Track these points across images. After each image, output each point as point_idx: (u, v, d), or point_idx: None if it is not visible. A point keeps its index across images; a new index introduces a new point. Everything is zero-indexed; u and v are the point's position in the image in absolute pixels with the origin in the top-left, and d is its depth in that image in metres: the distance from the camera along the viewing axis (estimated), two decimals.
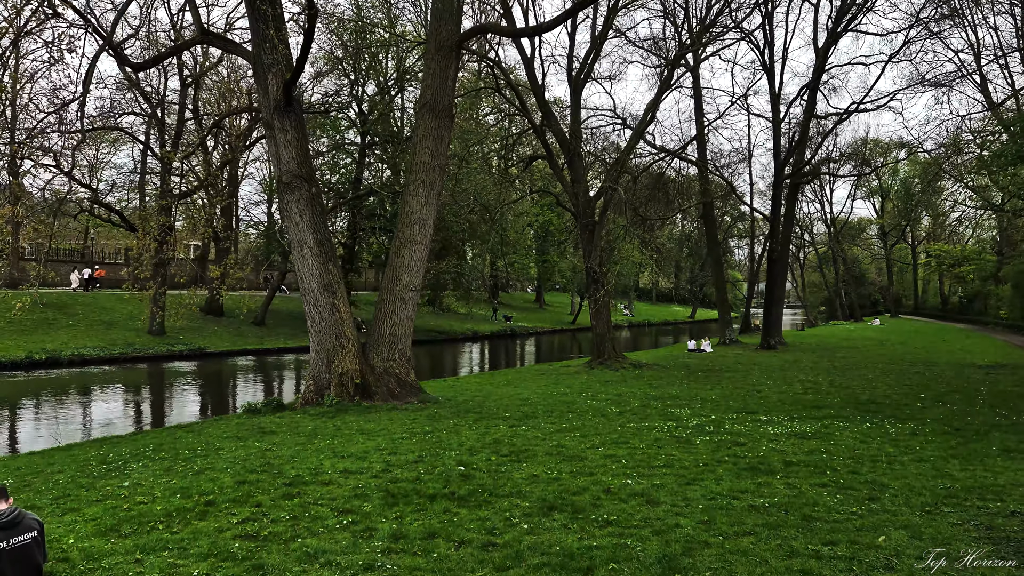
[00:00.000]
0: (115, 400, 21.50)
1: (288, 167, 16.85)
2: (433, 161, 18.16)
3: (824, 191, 74.86)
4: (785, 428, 12.28)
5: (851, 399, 16.49)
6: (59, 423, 17.83)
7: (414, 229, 17.99)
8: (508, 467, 9.30)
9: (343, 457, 10.28)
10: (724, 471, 8.84)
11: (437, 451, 10.59)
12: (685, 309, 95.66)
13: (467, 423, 13.63)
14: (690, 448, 10.51)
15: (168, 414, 19.54)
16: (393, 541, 6.20)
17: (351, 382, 16.70)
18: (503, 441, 11.37)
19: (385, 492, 7.92)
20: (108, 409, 19.97)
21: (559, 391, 19.24)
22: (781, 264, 38.13)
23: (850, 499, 7.45)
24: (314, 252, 16.94)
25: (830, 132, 38.13)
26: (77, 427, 17.42)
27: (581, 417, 14.21)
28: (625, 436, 11.74)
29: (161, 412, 19.88)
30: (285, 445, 11.62)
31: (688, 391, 18.64)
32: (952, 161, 47.38)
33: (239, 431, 13.61)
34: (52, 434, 16.36)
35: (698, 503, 7.32)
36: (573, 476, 8.66)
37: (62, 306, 38.63)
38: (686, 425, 12.81)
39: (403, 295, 17.83)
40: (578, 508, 7.17)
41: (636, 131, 27.75)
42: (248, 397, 21.60)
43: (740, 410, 14.84)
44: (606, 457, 9.92)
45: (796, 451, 10.15)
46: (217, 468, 9.68)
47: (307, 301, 17.19)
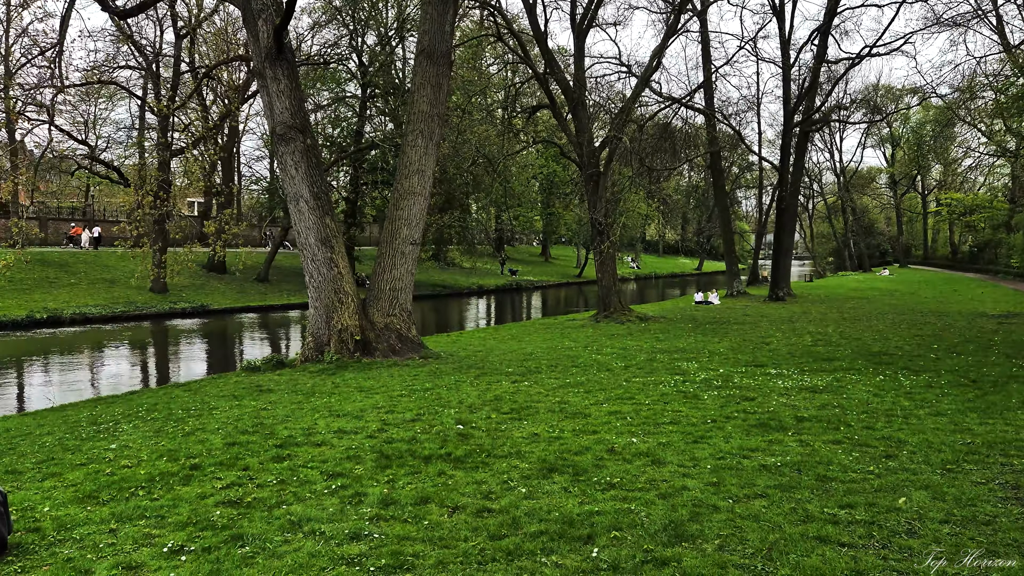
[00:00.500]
0: (115, 359, 21.27)
1: (281, 118, 16.31)
2: (431, 110, 17.59)
3: (834, 140, 73.73)
4: (796, 382, 11.91)
5: (862, 350, 16.10)
6: (56, 383, 17.62)
7: (413, 180, 17.50)
8: (508, 425, 8.96)
9: (339, 416, 9.97)
10: (733, 428, 8.48)
11: (436, 409, 10.26)
12: (692, 261, 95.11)
13: (468, 379, 13.31)
14: (697, 404, 10.16)
15: (167, 373, 19.31)
16: (383, 507, 5.86)
17: (351, 338, 16.38)
18: (504, 398, 11.03)
19: (379, 454, 7.59)
20: (107, 368, 19.75)
21: (564, 345, 18.90)
22: (790, 214, 37.48)
23: (866, 457, 7.08)
24: (311, 206, 16.49)
25: (841, 78, 37.17)
26: (74, 387, 17.20)
27: (585, 372, 13.87)
28: (630, 391, 11.40)
29: (160, 371, 19.65)
30: (281, 404, 11.32)
31: (695, 344, 18.28)
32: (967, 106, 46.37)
33: (236, 390, 13.32)
34: (47, 394, 16.13)
35: (706, 463, 6.96)
36: (575, 435, 8.32)
37: (63, 264, 38.38)
38: (693, 379, 12.45)
39: (403, 249, 17.41)
40: (580, 469, 6.83)
41: (642, 78, 26.98)
42: (249, 355, 21.35)
43: (749, 363, 14.48)
44: (610, 414, 9.57)
45: (808, 406, 9.78)
46: (208, 429, 9.37)
47: (305, 256, 16.80)
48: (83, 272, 37.73)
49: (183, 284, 39.10)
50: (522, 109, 32.40)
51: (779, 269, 36.24)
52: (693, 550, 4.84)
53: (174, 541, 5.16)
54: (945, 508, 5.52)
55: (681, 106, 31.15)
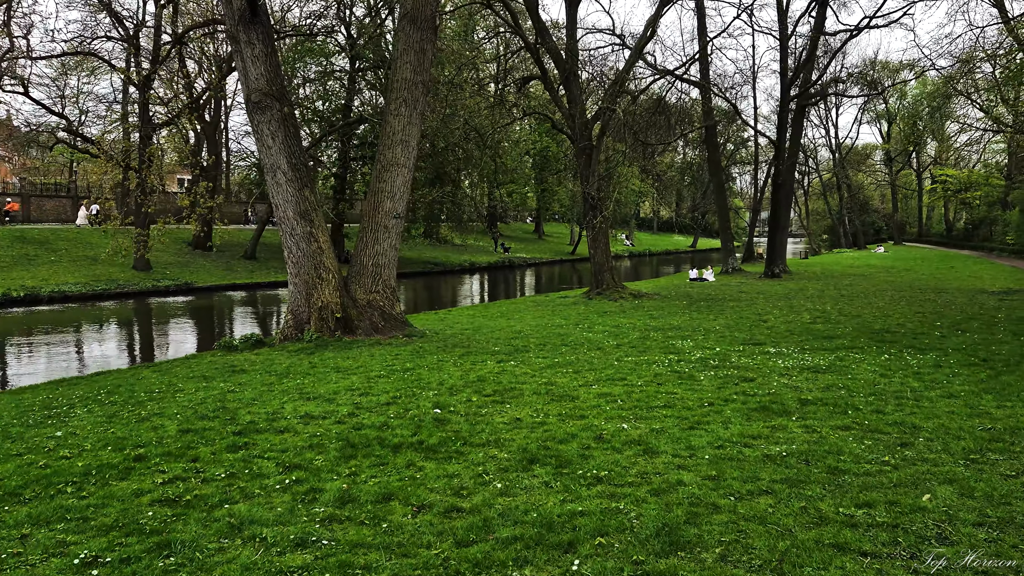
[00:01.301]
0: (89, 339, 20.53)
1: (256, 84, 15.48)
2: (415, 77, 16.77)
3: (830, 115, 72.88)
4: (796, 361, 11.26)
5: (864, 328, 15.46)
6: (22, 364, 16.89)
7: (396, 151, 16.71)
8: (489, 409, 8.29)
9: (309, 399, 9.29)
10: (732, 412, 7.82)
11: (414, 391, 9.59)
12: (687, 238, 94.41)
13: (452, 359, 12.63)
14: (693, 385, 9.49)
15: (142, 352, 18.57)
16: (339, 506, 5.19)
17: (331, 316, 15.68)
18: (488, 379, 10.36)
19: (344, 442, 6.91)
20: (80, 349, 19.02)
21: (554, 323, 18.23)
22: (786, 190, 36.74)
23: (879, 445, 6.42)
24: (288, 177, 15.72)
25: (839, 50, 36.30)
26: (41, 368, 16.46)
27: (575, 351, 13.20)
28: (622, 372, 10.73)
29: (135, 350, 18.91)
30: (251, 386, 10.64)
31: (690, 321, 17.62)
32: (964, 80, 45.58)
33: (208, 370, 12.63)
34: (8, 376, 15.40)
35: (704, 452, 6.29)
36: (561, 420, 7.65)
37: (44, 241, 37.48)
38: (688, 359, 11.79)
39: (386, 222, 16.67)
40: (564, 460, 6.15)
41: (636, 48, 26.12)
42: (230, 333, 20.64)
43: (746, 341, 13.82)
44: (600, 396, 8.90)
45: (811, 387, 9.13)
46: (166, 414, 8.68)
47: (283, 231, 16.06)
48: (64, 250, 36.83)
49: (168, 261, 38.30)
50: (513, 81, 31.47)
51: (775, 246, 35.59)
52: (690, 561, 4.17)
53: (89, 551, 4.47)
54: (976, 507, 4.86)
55: (676, 79, 30.30)
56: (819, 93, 38.30)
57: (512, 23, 26.58)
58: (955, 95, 56.34)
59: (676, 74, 30.20)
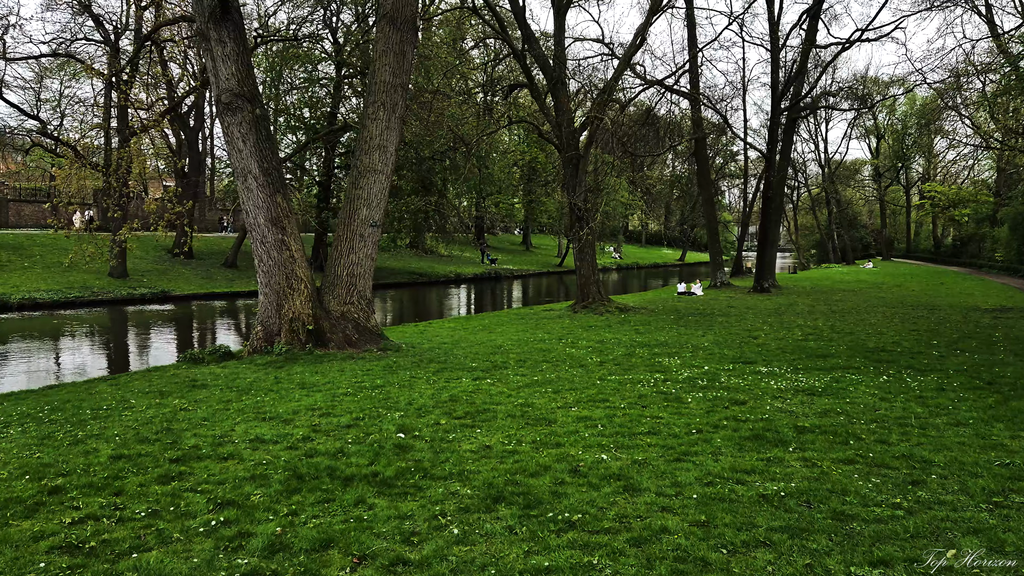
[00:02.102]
0: (53, 349, 19.67)
1: (227, 85, 14.78)
2: (395, 80, 16.10)
3: (820, 130, 72.71)
4: (790, 382, 10.59)
5: (858, 346, 14.83)
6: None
7: (374, 157, 16.01)
8: (458, 435, 7.57)
9: (265, 420, 8.54)
10: (723, 440, 7.12)
11: (379, 412, 8.85)
12: (675, 252, 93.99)
13: (426, 375, 11.90)
14: (681, 408, 8.80)
15: (103, 365, 17.73)
16: (267, 556, 4.45)
17: (302, 328, 14.94)
18: (461, 398, 9.64)
19: (291, 472, 6.17)
20: (38, 360, 18.17)
21: (537, 337, 17.52)
22: (776, 203, 36.22)
23: (888, 483, 5.73)
24: (260, 182, 15.00)
25: (830, 63, 35.90)
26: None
27: (557, 368, 12.49)
28: (604, 392, 10.03)
29: (97, 362, 18.06)
30: (207, 403, 9.88)
31: (678, 337, 16.95)
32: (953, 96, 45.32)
33: (166, 384, 11.86)
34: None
35: (691, 490, 5.58)
36: (535, 448, 6.94)
37: (18, 247, 36.55)
38: (675, 378, 11.10)
39: (362, 231, 15.94)
40: (533, 499, 5.43)
41: (624, 56, 25.55)
42: (201, 344, 19.82)
43: (736, 359, 13.16)
44: (579, 420, 8.20)
45: (807, 412, 8.45)
46: (105, 435, 7.92)
47: (254, 238, 15.31)
48: (39, 256, 35.91)
49: (145, 269, 37.43)
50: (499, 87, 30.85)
51: (764, 260, 35.02)
52: None
53: None
54: (1013, 570, 4.17)
55: (666, 90, 29.73)
56: (810, 106, 37.87)
57: (499, 29, 26.00)
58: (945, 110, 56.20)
59: (666, 84, 29.65)
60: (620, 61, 25.78)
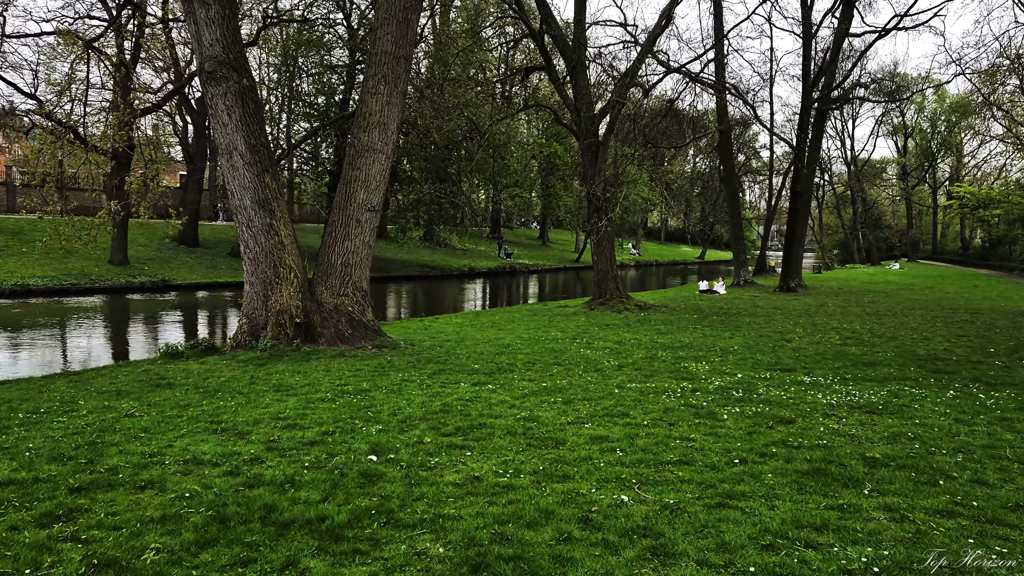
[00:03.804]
0: (31, 339, 18.38)
1: (211, 51, 13.38)
2: (397, 51, 14.65)
3: (846, 127, 70.70)
4: (841, 395, 9.05)
5: (906, 353, 13.25)
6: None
7: (373, 135, 14.57)
8: (443, 458, 6.12)
9: (216, 432, 7.14)
10: (775, 475, 5.62)
11: (355, 424, 7.43)
12: (695, 249, 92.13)
13: (420, 378, 10.47)
14: (716, 427, 7.30)
15: (78, 358, 16.40)
16: None
17: (290, 321, 13.55)
18: (455, 408, 8.19)
19: (215, 513, 4.74)
20: (13, 351, 16.89)
21: (549, 336, 16.04)
22: (805, 198, 34.49)
23: (1016, 552, 4.22)
24: (246, 160, 13.60)
25: (865, 52, 34.07)
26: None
27: (569, 372, 11.02)
28: (624, 403, 8.55)
29: (71, 355, 16.74)
30: (159, 408, 8.50)
31: (703, 339, 15.42)
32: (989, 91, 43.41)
33: (129, 383, 10.50)
34: None
35: (745, 558, 4.09)
36: (536, 482, 5.47)
37: (18, 231, 35.47)
38: (705, 388, 9.60)
39: (358, 216, 14.53)
40: (527, 568, 3.97)
41: (650, 37, 23.95)
42: (187, 336, 18.48)
43: (772, 366, 11.62)
44: (593, 441, 6.73)
45: (871, 436, 6.94)
46: (16, 449, 6.53)
47: (239, 221, 13.93)
48: (39, 241, 34.75)
49: (148, 257, 36.27)
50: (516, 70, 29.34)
51: (791, 258, 33.33)
52: None
53: None
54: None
55: (691, 80, 28.04)
56: (842, 97, 36.08)
57: (516, 7, 24.49)
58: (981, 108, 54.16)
59: (690, 72, 28.00)
60: (644, 42, 24.20)
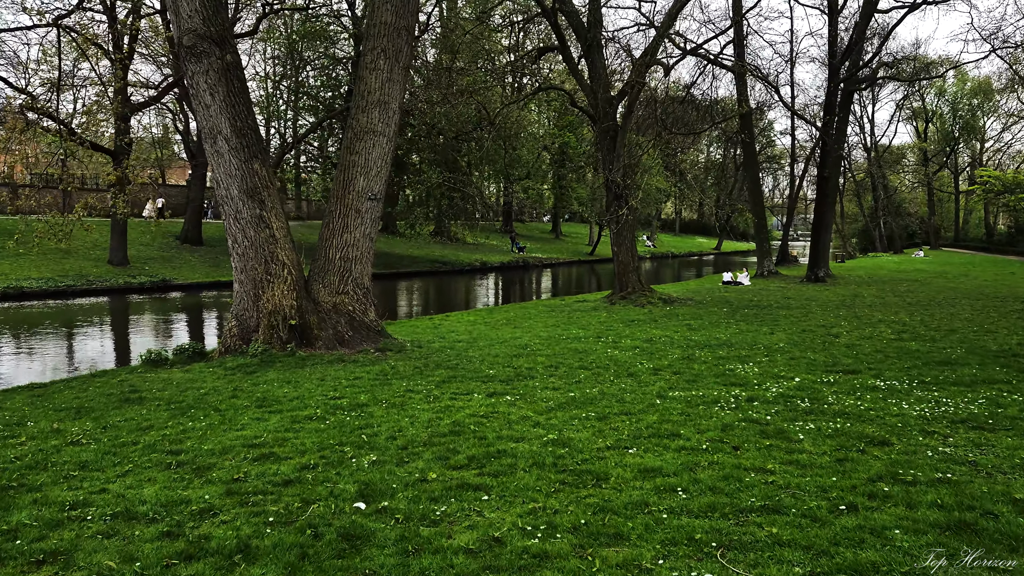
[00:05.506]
0: (10, 345, 17.07)
1: (189, 24, 11.95)
2: (398, 21, 13.20)
3: (865, 112, 68.48)
4: (930, 405, 7.54)
5: (976, 349, 11.71)
6: None
7: (372, 115, 13.13)
8: (451, 506, 4.68)
9: (171, 466, 5.73)
10: (904, 533, 4.13)
11: (342, 454, 5.99)
12: (710, 240, 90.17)
13: (427, 388, 9.03)
14: (792, 451, 5.82)
15: (55, 366, 15.02)
16: None
17: (283, 323, 12.14)
18: (467, 429, 6.75)
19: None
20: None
21: (570, 334, 14.57)
22: (833, 183, 32.82)
23: None
24: (232, 145, 12.18)
25: (894, 27, 32.30)
26: None
27: (598, 378, 9.55)
28: (670, 418, 7.08)
29: (49, 363, 15.37)
30: (115, 432, 7.11)
31: (741, 335, 13.90)
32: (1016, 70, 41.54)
33: (96, 398, 9.15)
34: None
35: None
36: (579, 547, 4.01)
37: (14, 232, 34.24)
38: (763, 396, 8.11)
39: (358, 205, 13.09)
40: None
41: (669, 13, 22.38)
42: (180, 340, 17.10)
43: (831, 367, 10.11)
44: (643, 475, 5.26)
45: (997, 463, 5.44)
46: None
47: (226, 213, 12.53)
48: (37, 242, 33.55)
49: (149, 256, 35.00)
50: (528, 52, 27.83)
51: (819, 246, 31.68)
52: None
53: None
54: None
55: (709, 62, 26.43)
56: (869, 77, 34.33)
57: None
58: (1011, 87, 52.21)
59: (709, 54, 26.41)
60: (664, 18, 22.62)
